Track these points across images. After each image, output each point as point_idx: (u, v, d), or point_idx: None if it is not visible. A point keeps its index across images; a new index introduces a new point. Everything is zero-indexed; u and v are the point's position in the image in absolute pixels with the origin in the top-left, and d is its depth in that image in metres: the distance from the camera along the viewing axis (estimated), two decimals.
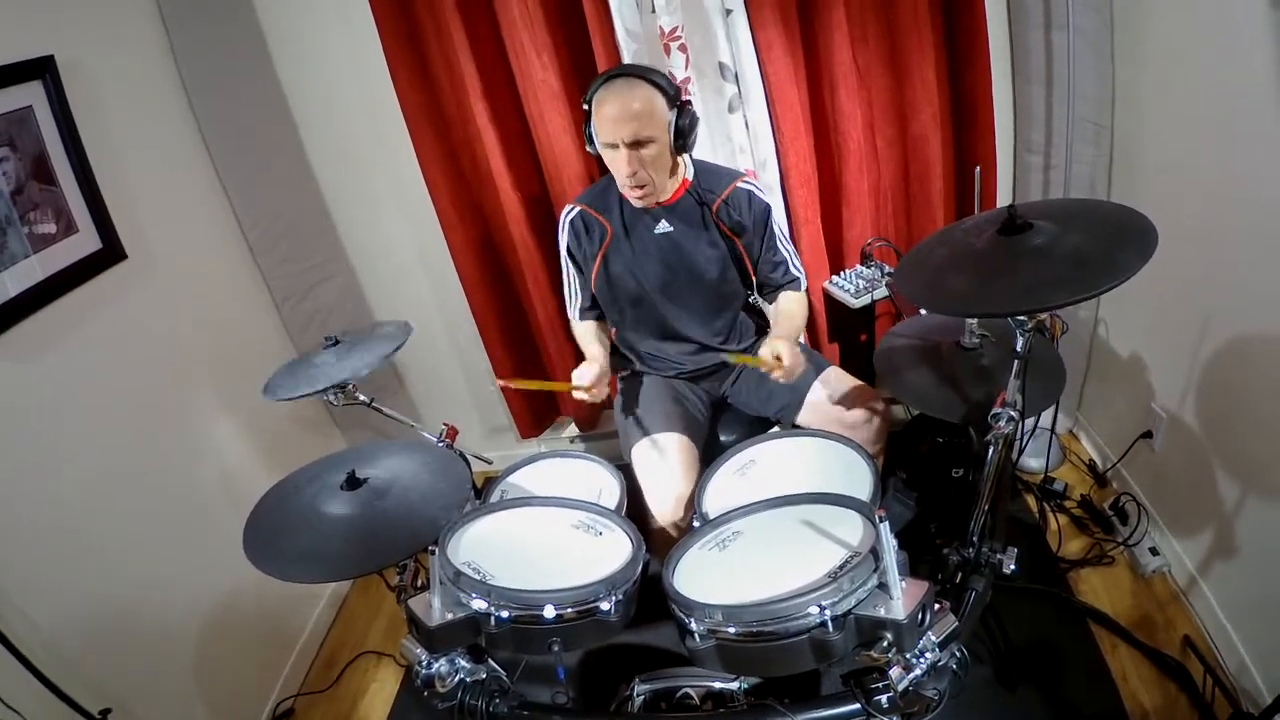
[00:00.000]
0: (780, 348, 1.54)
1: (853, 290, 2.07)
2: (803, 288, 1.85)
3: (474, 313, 2.36)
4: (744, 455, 1.60)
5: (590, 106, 1.58)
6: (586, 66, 1.95)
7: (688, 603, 1.09)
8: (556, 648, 1.17)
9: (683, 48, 1.83)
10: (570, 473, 1.71)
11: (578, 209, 1.76)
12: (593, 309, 1.87)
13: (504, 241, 2.25)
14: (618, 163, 1.58)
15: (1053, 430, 2.18)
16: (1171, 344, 1.73)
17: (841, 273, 2.16)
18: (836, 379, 1.77)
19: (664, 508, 1.61)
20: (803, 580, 1.08)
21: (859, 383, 1.76)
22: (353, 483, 1.37)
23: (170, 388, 1.86)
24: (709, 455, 1.73)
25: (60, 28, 1.65)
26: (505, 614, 1.16)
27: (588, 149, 1.63)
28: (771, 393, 1.79)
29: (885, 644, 1.02)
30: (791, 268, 1.82)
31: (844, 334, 2.34)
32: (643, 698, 1.46)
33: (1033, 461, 2.20)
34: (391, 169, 2.20)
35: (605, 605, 1.18)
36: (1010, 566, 1.41)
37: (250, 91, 2.07)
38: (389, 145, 2.14)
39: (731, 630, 1.05)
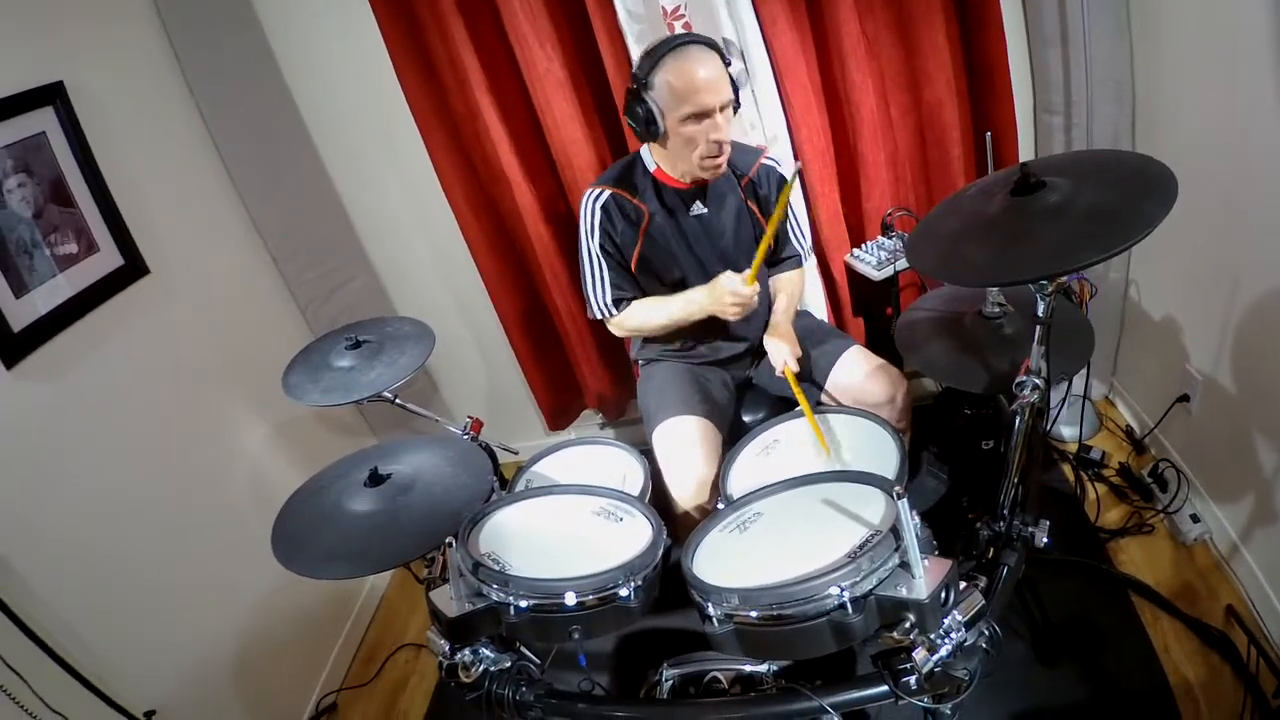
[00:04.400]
0: (784, 354, 1.64)
1: (875, 262, 2.03)
2: (804, 263, 1.84)
3: (495, 306, 2.37)
4: (768, 435, 1.59)
5: (652, 78, 1.49)
6: (590, 53, 1.92)
7: (704, 587, 1.08)
8: (577, 635, 1.17)
9: (686, 26, 1.80)
10: (594, 459, 1.70)
11: (607, 192, 1.67)
12: (626, 294, 1.75)
13: (519, 234, 2.25)
14: (709, 132, 1.50)
15: (1085, 397, 2.11)
16: (1203, 303, 1.67)
17: (863, 245, 2.12)
18: (858, 359, 1.74)
19: (685, 491, 1.59)
20: (823, 561, 1.06)
21: (881, 361, 1.73)
22: (375, 479, 1.39)
23: (199, 396, 1.90)
24: (735, 436, 1.70)
25: (68, 54, 1.68)
26: (524, 603, 1.16)
27: (647, 131, 1.53)
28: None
29: (908, 625, 1.00)
30: (796, 243, 1.80)
31: (868, 307, 2.30)
32: (671, 682, 1.45)
33: (1066, 430, 2.14)
34: (405, 168, 2.21)
35: (624, 591, 1.17)
36: (1043, 540, 1.36)
37: (260, 101, 2.09)
38: (400, 145, 2.15)
39: (750, 614, 1.03)
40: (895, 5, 1.83)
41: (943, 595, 1.01)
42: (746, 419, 1.86)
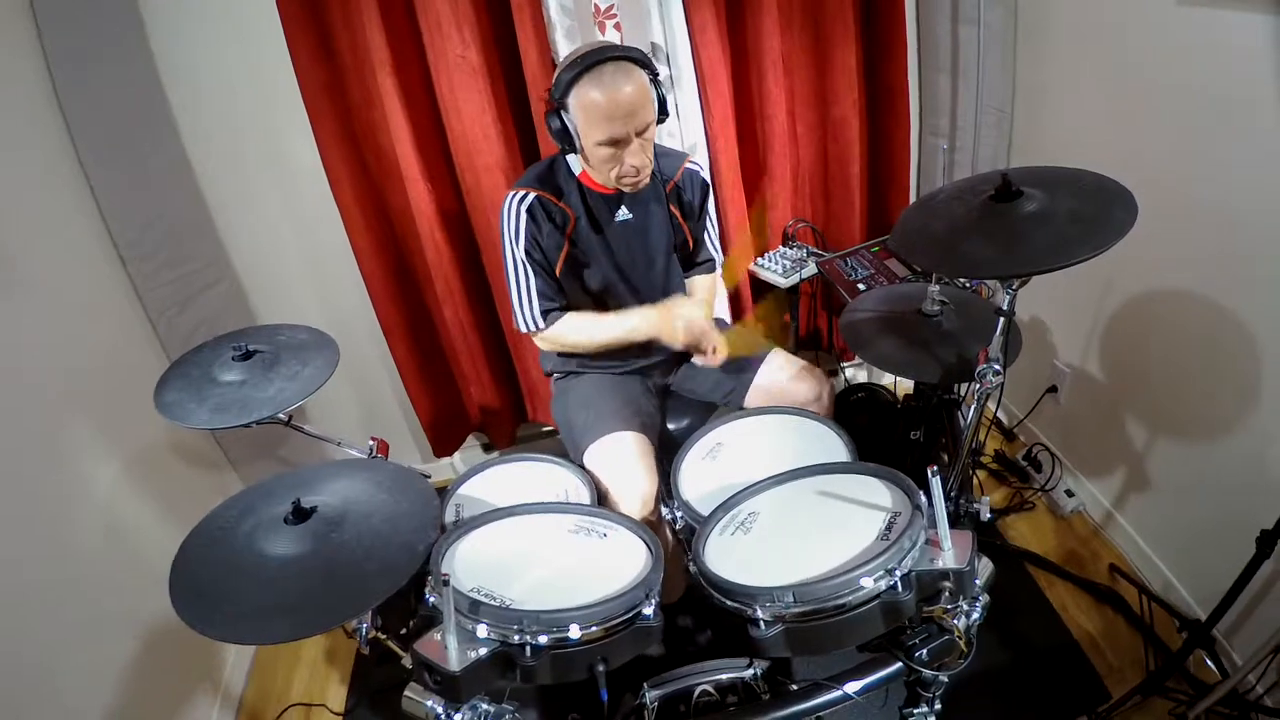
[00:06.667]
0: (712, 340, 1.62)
1: (781, 270, 2.11)
2: (717, 268, 1.86)
3: (379, 318, 2.14)
4: (710, 439, 1.58)
5: (567, 98, 1.39)
6: (510, 43, 1.81)
7: (750, 591, 1.03)
8: (602, 668, 1.06)
9: (617, 26, 1.77)
10: (530, 476, 1.58)
11: (531, 195, 1.56)
12: (555, 304, 1.64)
13: (410, 238, 2.05)
14: (625, 157, 1.43)
15: (979, 389, 2.34)
16: (1073, 305, 1.92)
17: (766, 254, 2.20)
18: (782, 361, 1.78)
19: (631, 508, 1.52)
20: (854, 547, 1.07)
21: (803, 362, 1.79)
22: (300, 514, 1.16)
23: (31, 416, 1.52)
24: (661, 444, 1.68)
25: None
26: (542, 640, 1.04)
27: (563, 146, 1.46)
28: (718, 379, 1.77)
29: (947, 594, 1.04)
30: (711, 249, 1.82)
31: (768, 315, 2.38)
32: (656, 704, 1.37)
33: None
34: (286, 159, 1.94)
35: (648, 610, 1.09)
36: (987, 515, 1.47)
37: (123, 71, 1.74)
38: (283, 132, 1.88)
39: (803, 610, 1.01)
40: (812, 25, 1.94)
41: (973, 561, 1.06)
42: (671, 427, 1.83)
